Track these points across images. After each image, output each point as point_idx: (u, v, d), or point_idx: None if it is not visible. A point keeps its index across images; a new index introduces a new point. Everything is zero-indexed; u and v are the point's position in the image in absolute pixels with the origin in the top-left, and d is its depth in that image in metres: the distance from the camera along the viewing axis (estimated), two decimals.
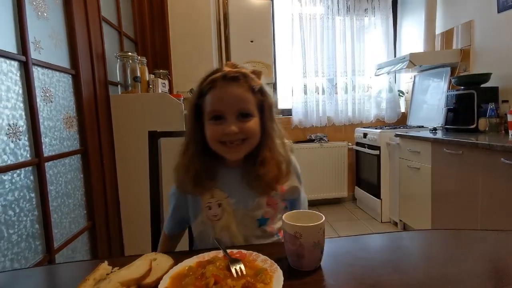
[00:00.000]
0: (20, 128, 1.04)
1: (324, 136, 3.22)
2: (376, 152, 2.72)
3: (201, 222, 0.76)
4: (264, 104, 0.73)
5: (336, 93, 3.28)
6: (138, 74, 1.75)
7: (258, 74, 0.74)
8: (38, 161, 1.11)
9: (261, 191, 0.74)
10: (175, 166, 0.77)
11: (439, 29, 2.74)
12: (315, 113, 3.24)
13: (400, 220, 2.55)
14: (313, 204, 3.24)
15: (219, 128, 0.69)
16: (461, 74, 2.47)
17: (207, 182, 0.74)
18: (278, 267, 0.55)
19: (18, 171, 1.02)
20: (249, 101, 0.71)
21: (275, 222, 0.77)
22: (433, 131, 2.27)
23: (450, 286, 0.51)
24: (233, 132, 0.68)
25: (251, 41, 2.79)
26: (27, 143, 1.07)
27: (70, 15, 1.36)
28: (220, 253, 0.62)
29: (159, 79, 1.92)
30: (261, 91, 0.73)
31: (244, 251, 0.62)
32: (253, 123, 0.71)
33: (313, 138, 3.22)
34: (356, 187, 3.24)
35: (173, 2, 2.35)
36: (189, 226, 0.88)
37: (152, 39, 2.33)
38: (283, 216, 0.60)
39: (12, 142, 1.00)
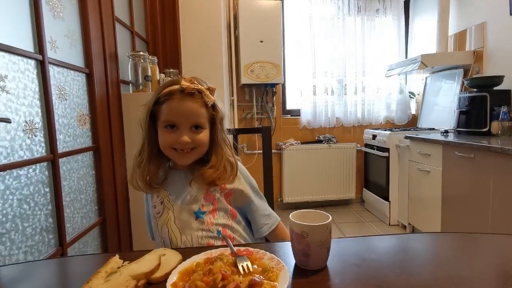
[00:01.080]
0: (36, 125, 1.07)
1: (332, 137, 3.20)
2: (385, 154, 2.70)
3: (152, 221, 0.85)
4: (215, 118, 0.81)
5: (346, 94, 3.25)
6: (149, 73, 1.78)
7: (212, 90, 0.80)
8: (52, 157, 1.14)
9: (202, 186, 0.80)
10: (132, 165, 0.84)
11: (452, 30, 2.70)
12: (324, 114, 3.23)
13: (409, 224, 2.52)
14: (320, 205, 3.23)
15: (172, 136, 0.76)
16: (474, 76, 2.43)
17: (157, 183, 0.82)
18: (285, 265, 0.56)
19: (33, 167, 1.05)
20: (202, 116, 0.78)
21: (216, 218, 0.81)
22: (445, 134, 2.24)
23: None
24: (185, 142, 0.75)
25: (261, 41, 2.80)
26: (42, 139, 1.10)
27: (85, 15, 1.39)
28: (227, 250, 0.63)
29: (169, 78, 1.95)
30: (213, 107, 0.80)
31: (251, 249, 0.63)
32: (204, 135, 0.79)
33: (322, 139, 3.21)
34: (364, 189, 3.21)
35: (184, 3, 2.38)
36: None
37: (163, 39, 2.37)
38: (290, 215, 0.61)
39: (28, 138, 1.03)
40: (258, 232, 0.87)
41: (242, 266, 0.55)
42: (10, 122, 0.93)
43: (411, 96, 3.30)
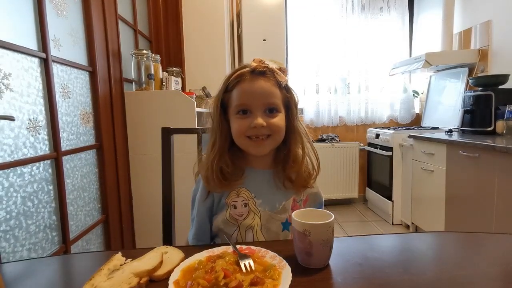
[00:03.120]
0: (40, 123, 1.08)
1: (335, 136, 3.19)
2: (389, 153, 2.68)
3: (222, 221, 0.74)
4: (290, 101, 0.74)
5: (349, 93, 3.24)
6: (152, 72, 1.78)
7: (284, 71, 0.74)
8: (56, 155, 1.14)
9: (295, 190, 0.74)
10: (201, 162, 0.77)
11: (456, 28, 2.68)
12: (327, 113, 3.22)
13: (412, 223, 2.51)
14: None
15: (246, 122, 0.70)
16: (479, 75, 2.41)
17: (234, 179, 0.73)
18: (287, 264, 0.55)
19: (37, 164, 1.06)
20: (276, 96, 0.71)
21: None
22: (449, 133, 2.22)
23: None
24: (260, 124, 0.68)
25: (264, 40, 2.79)
26: (46, 137, 1.11)
27: (88, 14, 1.40)
28: (229, 248, 0.63)
29: (172, 76, 1.95)
30: (287, 88, 0.73)
31: (253, 247, 0.63)
32: (279, 119, 0.71)
33: (325, 138, 3.20)
34: (367, 188, 3.20)
35: (187, 1, 2.38)
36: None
37: (166, 38, 2.37)
38: (293, 214, 0.60)
39: (32, 136, 1.04)
40: None
41: (244, 264, 0.55)
42: (14, 120, 0.94)
43: (415, 94, 3.28)
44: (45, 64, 1.11)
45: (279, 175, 0.75)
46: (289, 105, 0.74)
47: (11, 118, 0.91)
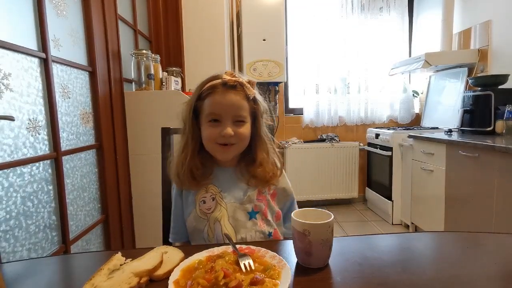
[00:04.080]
0: (40, 123, 1.08)
1: (335, 136, 3.19)
2: (388, 153, 2.68)
3: (193, 217, 0.80)
4: (256, 111, 0.81)
5: (349, 93, 3.24)
6: (152, 72, 1.78)
7: (252, 84, 0.81)
8: (56, 155, 1.15)
9: (260, 186, 0.81)
10: (172, 161, 0.83)
11: (456, 28, 2.68)
12: (327, 113, 3.22)
13: (412, 223, 2.51)
14: (322, 204, 3.22)
15: (216, 130, 0.76)
16: (479, 75, 2.41)
17: (203, 178, 0.80)
18: (287, 264, 0.56)
19: (37, 164, 1.06)
20: (244, 108, 0.78)
21: (268, 220, 0.81)
22: (448, 133, 2.22)
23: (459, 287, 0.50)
24: (229, 134, 0.75)
25: (264, 40, 2.79)
26: (46, 137, 1.11)
27: (88, 14, 1.40)
28: (229, 248, 0.63)
29: (172, 76, 1.95)
30: (254, 100, 0.80)
31: (253, 247, 0.63)
32: (245, 129, 0.79)
33: (324, 137, 3.20)
34: (367, 188, 3.20)
35: (187, 1, 2.38)
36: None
37: (165, 37, 2.37)
38: (292, 214, 0.61)
39: (32, 136, 1.04)
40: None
41: (244, 264, 0.55)
42: (13, 120, 0.94)
43: (415, 94, 3.28)
44: (45, 64, 1.11)
45: (243, 172, 0.82)
46: (256, 115, 0.81)
47: (11, 118, 0.91)
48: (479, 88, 2.18)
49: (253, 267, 0.55)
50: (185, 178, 0.78)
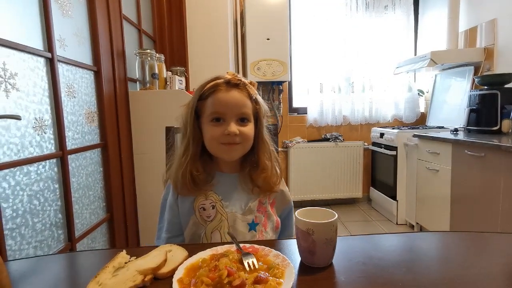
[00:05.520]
0: (46, 122, 1.09)
1: (339, 136, 3.18)
2: (393, 152, 2.67)
3: (192, 223, 0.77)
4: (258, 112, 0.79)
5: (353, 92, 3.23)
6: (156, 71, 1.79)
7: (254, 85, 0.80)
8: (61, 154, 1.16)
9: (262, 194, 0.79)
10: (172, 165, 0.80)
11: (462, 26, 2.65)
12: (331, 112, 3.21)
13: (417, 223, 2.50)
14: (326, 203, 3.22)
15: (219, 129, 0.74)
16: (485, 74, 2.38)
17: (204, 183, 0.77)
18: (290, 263, 0.55)
19: (43, 163, 1.07)
20: (248, 107, 0.76)
21: (267, 232, 0.80)
22: (454, 132, 2.20)
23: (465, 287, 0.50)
24: (234, 132, 0.72)
25: (267, 39, 2.79)
26: (52, 136, 1.12)
27: (93, 14, 1.41)
28: (233, 247, 0.63)
29: (176, 76, 1.95)
30: (256, 101, 0.79)
31: (256, 246, 0.63)
32: (249, 128, 0.77)
33: (328, 137, 3.19)
34: (371, 187, 3.19)
35: (191, 1, 2.38)
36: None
37: (170, 37, 2.38)
38: (296, 213, 0.60)
39: (38, 135, 1.05)
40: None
41: (248, 263, 0.55)
42: (20, 119, 0.95)
43: (420, 94, 3.26)
44: (51, 64, 1.12)
45: (246, 179, 0.79)
46: (258, 116, 0.79)
47: (17, 117, 0.92)
48: (485, 87, 2.16)
49: (256, 266, 0.55)
50: (185, 183, 0.74)
